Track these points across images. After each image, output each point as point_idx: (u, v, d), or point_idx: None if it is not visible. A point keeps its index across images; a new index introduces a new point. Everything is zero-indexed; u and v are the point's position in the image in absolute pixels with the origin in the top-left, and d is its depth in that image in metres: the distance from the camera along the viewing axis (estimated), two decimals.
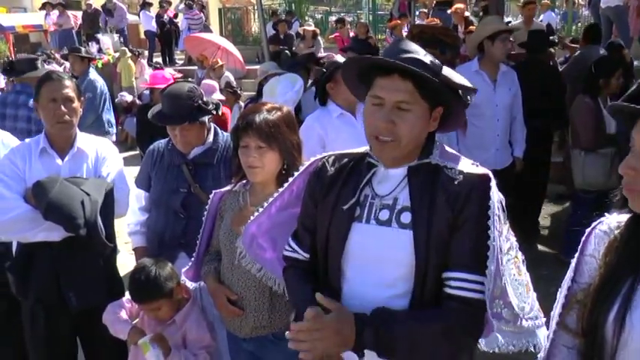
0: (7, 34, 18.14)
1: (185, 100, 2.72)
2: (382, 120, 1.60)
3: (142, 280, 2.41)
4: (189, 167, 2.78)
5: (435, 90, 1.61)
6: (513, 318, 1.62)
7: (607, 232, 1.41)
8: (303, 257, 1.85)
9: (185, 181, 2.78)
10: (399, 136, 1.61)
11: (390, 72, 1.61)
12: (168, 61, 14.90)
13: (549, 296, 1.71)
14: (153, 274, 2.42)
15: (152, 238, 2.87)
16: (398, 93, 1.60)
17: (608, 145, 4.65)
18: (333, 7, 22.61)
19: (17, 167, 2.64)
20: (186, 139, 2.77)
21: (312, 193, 1.83)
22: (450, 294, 1.58)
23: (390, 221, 1.64)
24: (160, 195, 2.81)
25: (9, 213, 2.53)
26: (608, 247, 1.39)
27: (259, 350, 2.30)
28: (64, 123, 2.66)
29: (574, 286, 1.46)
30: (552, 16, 13.26)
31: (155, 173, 2.85)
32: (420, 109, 1.62)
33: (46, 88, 2.67)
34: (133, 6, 21.14)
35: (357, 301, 1.66)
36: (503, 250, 1.61)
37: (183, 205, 2.75)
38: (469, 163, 1.67)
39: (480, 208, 1.58)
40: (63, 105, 2.63)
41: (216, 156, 2.81)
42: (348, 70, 1.78)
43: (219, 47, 10.88)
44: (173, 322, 2.49)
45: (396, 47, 1.68)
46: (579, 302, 1.42)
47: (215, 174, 2.78)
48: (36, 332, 2.76)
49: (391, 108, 1.61)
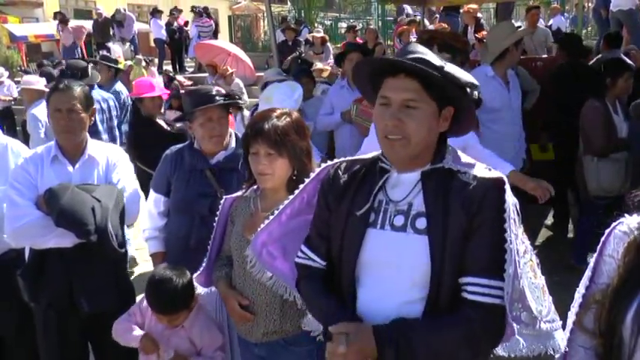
0: (20, 44, 18.34)
1: (216, 91, 2.83)
2: (390, 118, 1.62)
3: (166, 293, 2.42)
4: (214, 172, 2.79)
5: (441, 87, 1.62)
6: (532, 321, 1.60)
7: (627, 232, 1.41)
8: (318, 264, 1.83)
9: (210, 186, 2.77)
10: (407, 133, 1.61)
11: (397, 72, 1.62)
12: (178, 68, 14.99)
13: (561, 302, 1.71)
14: (177, 285, 2.42)
15: (174, 243, 2.86)
16: (404, 92, 1.61)
17: (619, 150, 4.62)
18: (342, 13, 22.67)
19: (30, 174, 2.67)
20: (223, 133, 2.80)
21: (326, 200, 1.82)
22: (468, 299, 1.56)
23: (405, 227, 1.64)
24: (184, 200, 2.80)
25: (22, 220, 2.57)
26: (627, 247, 1.39)
27: (270, 355, 2.29)
28: (67, 133, 2.70)
29: (592, 286, 1.46)
30: (562, 20, 13.26)
31: (176, 178, 2.85)
32: (427, 108, 1.63)
33: (53, 98, 2.72)
34: (143, 14, 21.33)
35: (372, 307, 1.66)
36: (520, 252, 1.59)
37: (210, 209, 2.72)
38: (483, 167, 1.67)
39: (496, 212, 1.57)
40: (67, 115, 2.68)
41: (240, 161, 2.81)
42: (359, 73, 1.78)
43: (229, 54, 10.94)
44: (182, 327, 2.50)
45: (404, 49, 1.71)
46: (597, 302, 1.42)
47: (240, 178, 2.77)
48: (49, 337, 2.79)
49: (398, 107, 1.62)
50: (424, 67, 1.58)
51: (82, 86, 2.81)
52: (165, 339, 2.52)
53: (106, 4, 18.24)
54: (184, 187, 2.81)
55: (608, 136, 4.63)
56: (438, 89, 1.62)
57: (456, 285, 1.58)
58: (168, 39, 15.37)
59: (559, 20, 12.89)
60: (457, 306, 1.57)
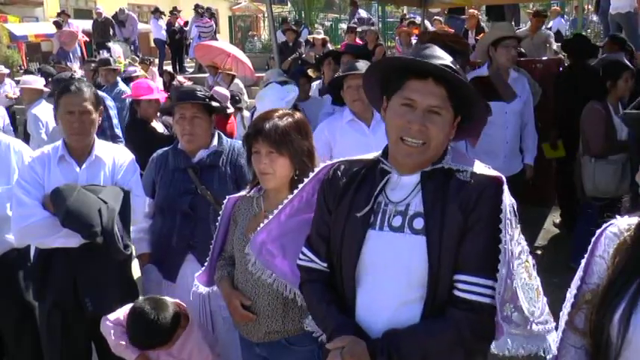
0: (20, 44, 18.33)
1: (198, 90, 2.89)
2: (416, 122, 1.61)
3: (143, 329, 2.42)
4: (196, 170, 2.83)
5: (464, 98, 1.63)
6: (523, 322, 1.62)
7: (617, 234, 1.43)
8: (320, 267, 1.85)
9: (192, 184, 2.82)
10: (430, 138, 1.61)
11: (425, 76, 1.61)
12: (178, 68, 14.98)
13: (559, 302, 1.72)
14: (155, 321, 2.42)
15: (157, 243, 2.90)
16: (432, 97, 1.61)
17: (618, 152, 4.63)
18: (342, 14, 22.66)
19: (37, 174, 2.70)
20: (195, 132, 2.83)
21: (325, 201, 1.83)
22: (458, 297, 1.59)
23: (403, 227, 1.65)
24: (167, 199, 2.85)
25: (28, 219, 2.59)
26: (617, 248, 1.41)
27: (272, 355, 2.31)
28: (80, 135, 2.73)
29: (583, 286, 1.47)
30: (562, 23, 13.27)
31: (160, 178, 2.89)
32: (448, 116, 1.64)
33: (63, 100, 2.73)
34: (144, 14, 21.32)
35: (371, 307, 1.68)
36: (514, 253, 1.61)
37: (191, 206, 2.79)
38: (482, 166, 1.68)
39: (491, 209, 1.58)
40: (79, 117, 2.70)
41: (221, 158, 2.87)
42: (379, 68, 1.77)
43: (229, 55, 10.92)
44: (172, 350, 2.53)
45: (426, 52, 1.68)
46: (588, 302, 1.44)
47: (221, 176, 2.84)
48: (52, 336, 2.81)
49: (423, 112, 1.61)
50: (461, 77, 1.59)
51: (91, 87, 2.84)
52: (155, 355, 2.56)
53: (106, 3, 18.22)
54: (167, 187, 2.87)
55: (608, 138, 4.65)
56: (461, 98, 1.63)
57: (453, 284, 1.61)
58: (168, 39, 15.36)
59: (559, 22, 12.91)
60: (448, 304, 1.60)
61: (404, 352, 1.57)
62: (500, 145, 4.45)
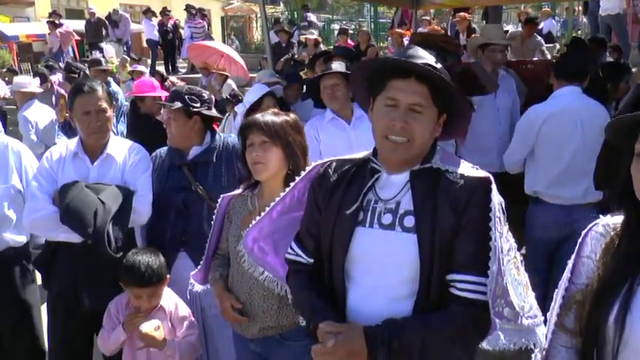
0: (11, 44, 18.20)
1: (182, 91, 2.94)
2: (398, 120, 1.64)
3: (142, 268, 2.53)
4: (189, 167, 2.87)
5: (447, 96, 1.66)
6: (514, 317, 1.65)
7: (603, 233, 1.44)
8: (305, 261, 1.87)
9: (185, 180, 2.86)
10: (412, 136, 1.64)
11: (407, 75, 1.65)
12: (171, 69, 14.95)
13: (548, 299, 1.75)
14: (149, 261, 2.56)
15: (151, 238, 2.93)
16: (413, 95, 1.64)
17: None
18: (335, 15, 22.71)
19: (52, 168, 2.77)
20: (171, 131, 2.89)
21: (316, 199, 1.85)
22: (459, 296, 1.60)
23: (394, 225, 1.67)
24: (160, 195, 2.87)
25: (37, 213, 2.68)
26: (605, 249, 1.42)
27: (265, 350, 2.33)
28: (99, 133, 2.78)
29: (571, 287, 1.48)
30: (553, 24, 13.35)
31: (156, 176, 2.92)
32: (431, 113, 1.67)
33: (79, 100, 2.77)
34: (136, 14, 21.24)
35: (362, 303, 1.69)
36: (504, 250, 1.64)
37: (184, 203, 2.82)
38: (469, 167, 1.71)
39: (482, 210, 1.61)
40: (97, 116, 2.75)
41: (215, 154, 2.90)
42: (362, 70, 1.80)
43: (222, 55, 10.91)
44: (161, 307, 2.63)
45: (409, 52, 1.71)
46: (577, 303, 1.44)
47: (215, 172, 2.87)
48: (55, 325, 2.88)
49: (405, 110, 1.64)
50: (442, 75, 1.62)
51: (102, 85, 2.89)
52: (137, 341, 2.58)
53: (98, 3, 18.13)
54: (162, 184, 2.90)
55: None
56: (444, 96, 1.66)
57: (444, 281, 1.63)
58: (160, 39, 15.32)
59: (550, 24, 12.97)
60: (447, 302, 1.62)
61: (405, 342, 1.55)
62: (494, 141, 4.49)
